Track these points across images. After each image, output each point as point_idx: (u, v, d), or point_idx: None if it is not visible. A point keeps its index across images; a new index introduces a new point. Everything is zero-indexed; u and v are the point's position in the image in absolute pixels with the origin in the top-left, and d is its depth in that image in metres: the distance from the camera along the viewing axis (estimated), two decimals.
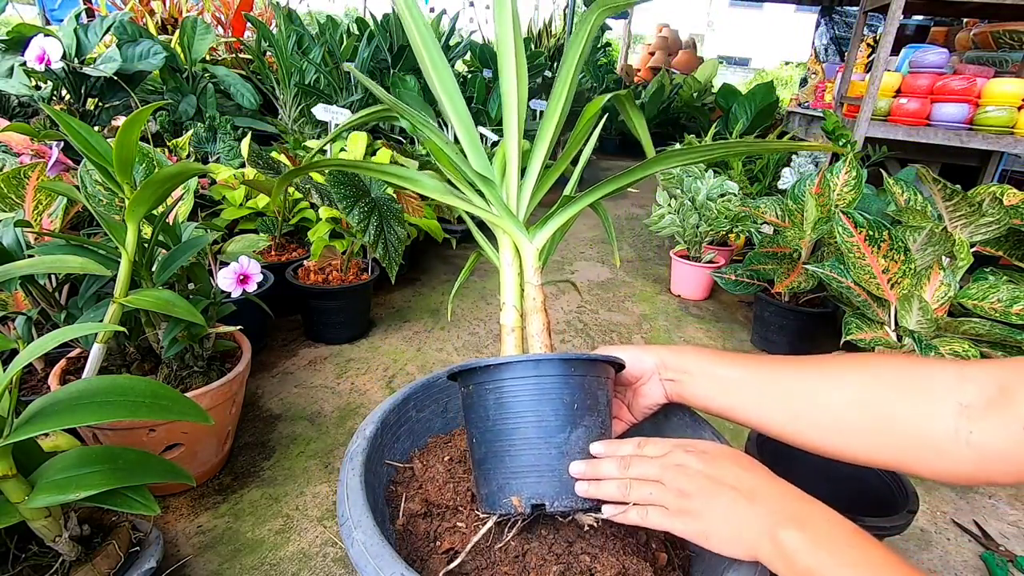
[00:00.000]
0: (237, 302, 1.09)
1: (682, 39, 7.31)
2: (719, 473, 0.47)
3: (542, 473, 0.57)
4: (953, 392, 0.43)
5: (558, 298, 2.10)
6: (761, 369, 0.56)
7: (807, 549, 0.40)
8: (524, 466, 0.57)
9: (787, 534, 0.41)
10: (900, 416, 0.45)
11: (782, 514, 0.42)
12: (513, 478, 0.57)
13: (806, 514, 0.42)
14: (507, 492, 0.58)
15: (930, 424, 0.44)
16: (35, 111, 1.76)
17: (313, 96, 2.58)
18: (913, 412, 0.45)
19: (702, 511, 0.46)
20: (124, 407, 0.60)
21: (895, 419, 0.46)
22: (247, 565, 0.93)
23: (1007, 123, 2.11)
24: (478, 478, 0.61)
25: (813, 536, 0.40)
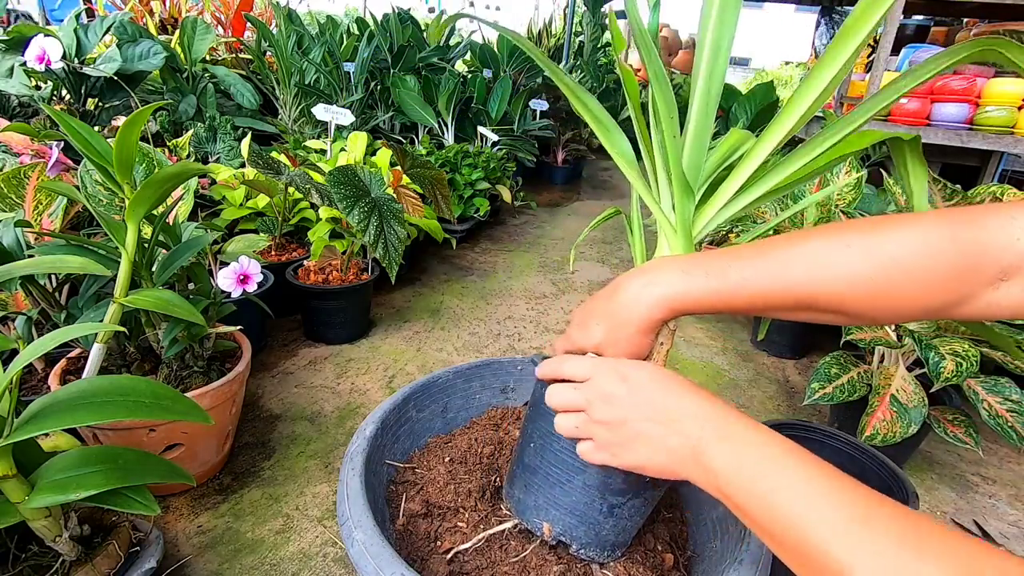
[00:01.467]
0: (237, 302, 1.09)
1: (682, 39, 7.30)
2: (641, 399, 0.46)
3: (584, 522, 0.56)
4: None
5: (558, 298, 2.10)
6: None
7: (730, 464, 0.40)
8: (572, 506, 0.56)
9: (710, 454, 0.41)
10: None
11: (703, 434, 0.43)
12: (555, 507, 0.56)
13: (724, 429, 0.42)
14: (542, 515, 0.57)
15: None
16: (35, 111, 1.76)
17: (313, 96, 2.59)
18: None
19: (631, 443, 0.46)
20: (124, 407, 0.60)
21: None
22: (247, 565, 0.92)
23: (1007, 123, 2.11)
24: (517, 478, 0.60)
25: (732, 450, 0.41)
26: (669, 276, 0.47)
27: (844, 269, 0.42)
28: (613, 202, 3.67)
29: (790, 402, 1.55)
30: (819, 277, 0.43)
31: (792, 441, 0.41)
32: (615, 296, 0.50)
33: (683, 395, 0.45)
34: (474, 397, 0.88)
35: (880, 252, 0.41)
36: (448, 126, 2.97)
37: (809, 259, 0.43)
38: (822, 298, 0.44)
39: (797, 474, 0.38)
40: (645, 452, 0.46)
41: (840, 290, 0.43)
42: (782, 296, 0.45)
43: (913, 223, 0.41)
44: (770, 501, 0.37)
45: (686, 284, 0.46)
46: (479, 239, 2.70)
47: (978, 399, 1.10)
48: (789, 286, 0.44)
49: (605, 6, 4.99)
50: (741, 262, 0.46)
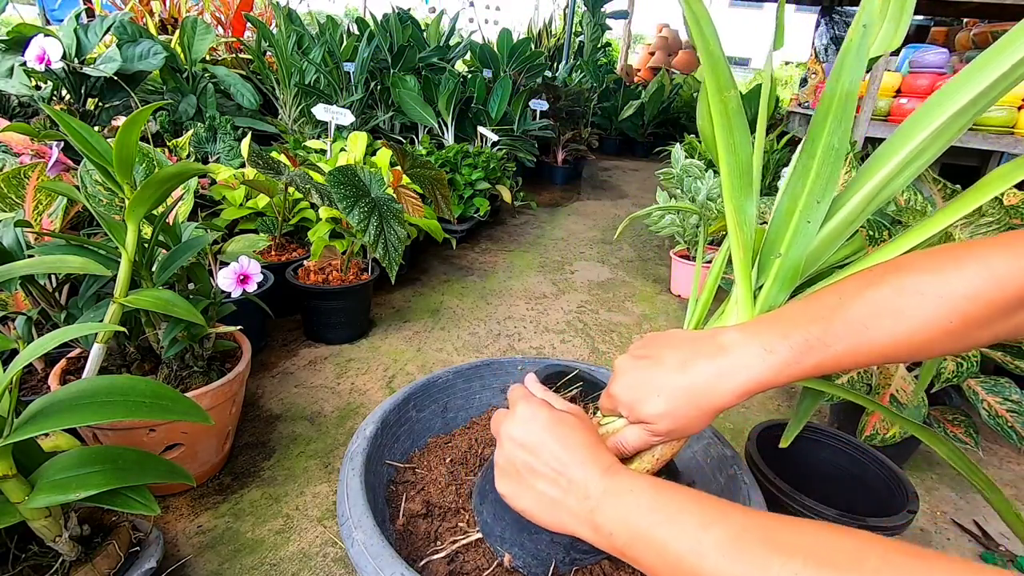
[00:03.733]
0: (237, 302, 1.09)
1: (682, 39, 7.31)
2: (539, 452, 0.46)
3: (545, 567, 0.56)
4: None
5: (558, 298, 2.10)
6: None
7: (621, 519, 0.41)
8: (537, 552, 0.56)
9: (602, 516, 0.42)
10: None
11: (593, 496, 0.43)
12: (520, 548, 0.57)
13: (613, 488, 0.43)
14: (506, 547, 0.58)
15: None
16: (35, 111, 1.76)
17: (313, 96, 2.59)
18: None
19: (524, 489, 0.47)
20: (124, 407, 0.60)
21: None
22: (247, 565, 0.93)
23: (1007, 123, 2.11)
24: (488, 500, 0.60)
25: (624, 506, 0.41)
26: (751, 360, 0.44)
27: (922, 319, 0.41)
28: (613, 202, 3.68)
29: (790, 402, 1.55)
30: (900, 332, 0.42)
31: (664, 481, 0.42)
32: (687, 373, 0.46)
33: (575, 451, 0.45)
34: (474, 397, 0.89)
35: (952, 294, 0.40)
36: (448, 126, 2.97)
37: (887, 316, 0.42)
38: (903, 351, 0.43)
39: (670, 514, 0.39)
40: (535, 504, 0.46)
41: (920, 339, 0.42)
42: (865, 358, 0.43)
43: (975, 255, 0.41)
44: (654, 547, 0.38)
45: (769, 367, 0.44)
46: (479, 239, 2.70)
47: (978, 399, 1.10)
48: (872, 348, 0.43)
49: (605, 6, 4.99)
50: (822, 330, 0.43)
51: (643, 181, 4.43)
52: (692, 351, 0.47)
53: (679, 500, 0.39)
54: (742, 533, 0.35)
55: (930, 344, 0.42)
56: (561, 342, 1.77)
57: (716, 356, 0.45)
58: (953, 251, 0.42)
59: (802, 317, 0.45)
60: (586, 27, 5.01)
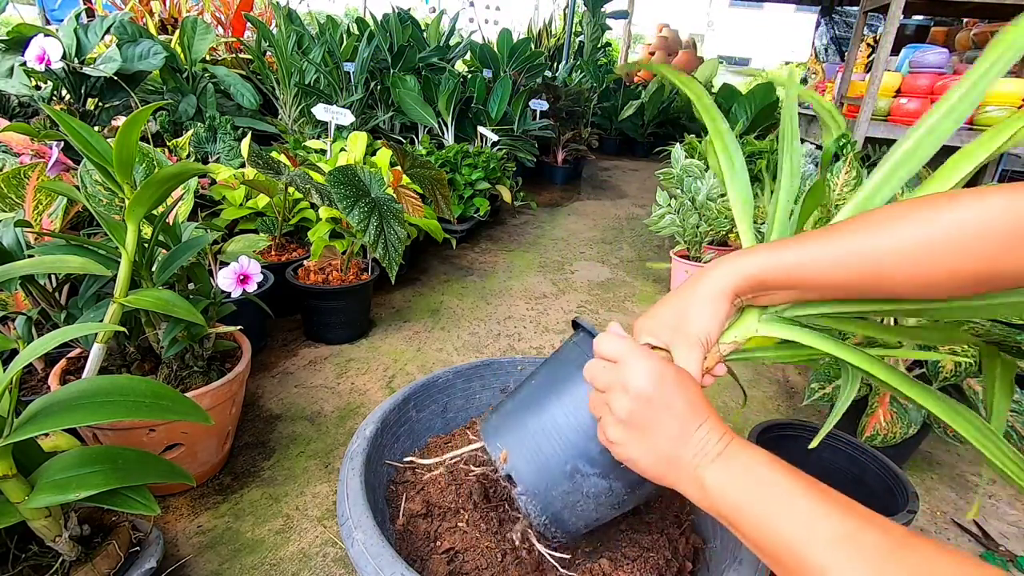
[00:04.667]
0: (237, 302, 1.09)
1: (682, 39, 7.31)
2: (659, 405, 0.47)
3: (541, 471, 0.54)
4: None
5: (558, 298, 2.10)
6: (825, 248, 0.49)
7: (730, 485, 0.42)
8: (537, 449, 0.54)
9: (712, 476, 0.44)
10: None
11: (706, 454, 0.45)
12: (519, 444, 0.54)
13: (727, 453, 0.44)
14: (504, 442, 0.55)
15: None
16: (35, 111, 1.76)
17: (313, 96, 2.59)
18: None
19: (634, 442, 0.48)
20: (124, 407, 0.60)
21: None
22: (247, 565, 0.93)
23: None
24: (502, 406, 0.59)
25: (735, 473, 0.43)
26: (738, 255, 0.51)
27: (908, 236, 0.44)
28: (613, 202, 3.67)
29: (790, 402, 1.54)
30: (883, 245, 0.44)
31: (779, 459, 0.43)
32: (685, 285, 0.53)
33: (697, 412, 0.47)
34: (474, 397, 0.89)
35: (941, 219, 0.43)
36: (448, 126, 2.97)
37: (873, 229, 0.45)
38: (886, 270, 0.45)
39: (784, 494, 0.40)
40: (646, 455, 0.47)
41: (903, 259, 0.44)
42: (847, 268, 0.46)
43: (970, 194, 0.43)
44: (761, 521, 0.40)
45: (753, 258, 0.49)
46: (479, 239, 2.70)
47: (978, 399, 1.10)
48: (856, 256, 0.46)
49: (605, 6, 4.99)
50: (808, 240, 0.48)
51: (643, 181, 4.43)
52: (694, 276, 0.53)
53: (793, 480, 0.41)
54: (858, 531, 0.36)
55: (917, 267, 0.44)
56: (561, 342, 1.77)
57: (715, 263, 0.52)
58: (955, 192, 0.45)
59: (792, 240, 0.50)
60: (586, 27, 5.01)
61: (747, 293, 0.51)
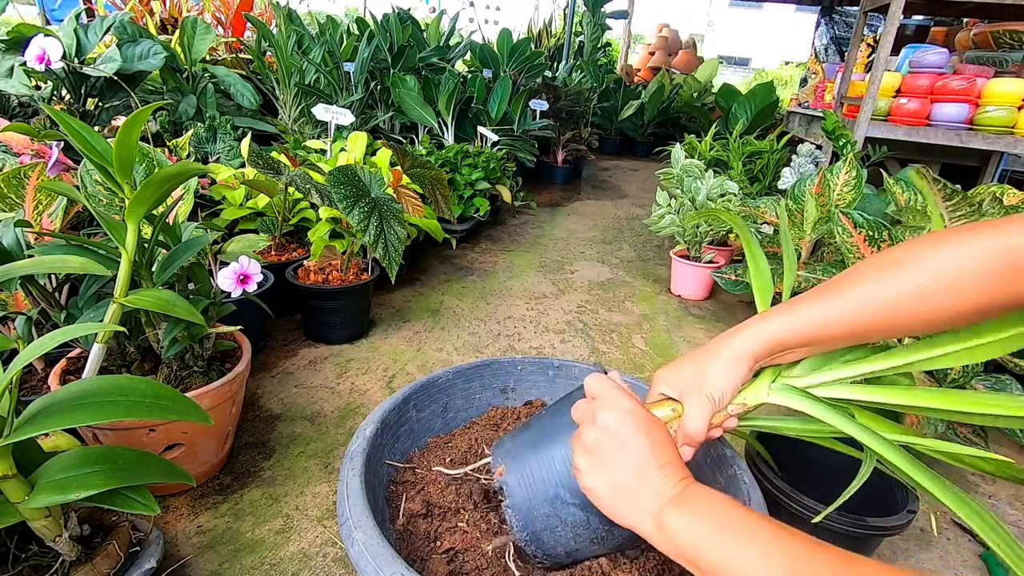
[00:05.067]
0: (237, 302, 1.09)
1: (682, 39, 7.31)
2: (628, 446, 0.50)
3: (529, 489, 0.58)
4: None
5: (558, 298, 2.10)
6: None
7: (687, 526, 0.44)
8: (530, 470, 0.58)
9: (669, 518, 0.45)
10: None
11: (664, 496, 0.47)
12: (516, 464, 0.59)
13: (685, 495, 0.46)
14: (505, 461, 0.60)
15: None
16: (35, 111, 1.76)
17: (313, 96, 2.59)
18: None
19: (598, 477, 0.51)
20: (124, 407, 0.60)
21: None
22: (247, 565, 0.93)
23: (1007, 123, 2.11)
24: (516, 432, 0.63)
25: (692, 513, 0.45)
26: (756, 321, 0.54)
27: (904, 285, 0.48)
28: (613, 202, 3.67)
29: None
30: (883, 295, 0.49)
31: (737, 501, 0.46)
32: (708, 346, 0.56)
33: (659, 454, 0.49)
34: (474, 397, 0.89)
35: (930, 265, 0.47)
36: (448, 126, 2.97)
37: (870, 282, 0.50)
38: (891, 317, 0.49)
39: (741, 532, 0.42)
40: (606, 488, 0.50)
41: (912, 303, 0.48)
42: (855, 321, 0.50)
43: (951, 239, 0.47)
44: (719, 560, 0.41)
45: (769, 324, 0.53)
46: (479, 239, 2.70)
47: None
48: (860, 310, 0.50)
49: (605, 6, 4.99)
50: (814, 300, 0.52)
51: (643, 181, 4.43)
52: (717, 339, 0.56)
53: (747, 517, 0.43)
54: (809, 560, 0.38)
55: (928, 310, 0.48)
56: (561, 342, 1.77)
57: (737, 328, 0.55)
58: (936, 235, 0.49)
59: (797, 301, 0.54)
60: (586, 27, 5.01)
61: (767, 356, 0.54)
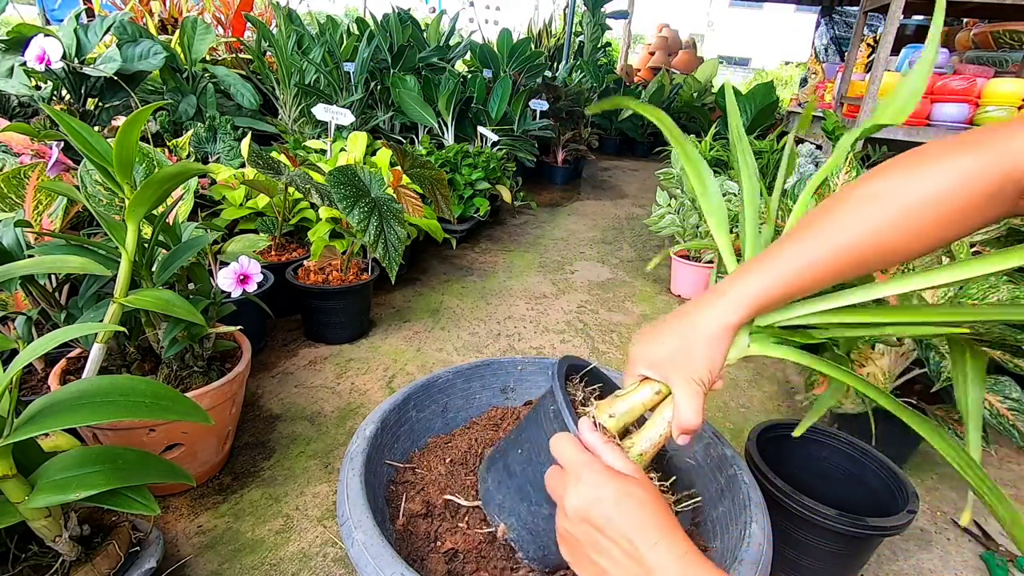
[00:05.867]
0: (237, 302, 1.09)
1: (682, 39, 7.31)
2: (606, 541, 0.44)
3: (537, 541, 0.58)
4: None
5: (558, 298, 2.10)
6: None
7: None
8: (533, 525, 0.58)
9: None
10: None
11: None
12: (517, 518, 0.59)
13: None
14: (503, 516, 0.60)
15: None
16: (35, 111, 1.76)
17: (313, 96, 2.58)
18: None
19: (585, 568, 0.46)
20: (124, 407, 0.60)
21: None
22: (247, 565, 0.93)
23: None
24: (495, 469, 0.62)
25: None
26: (734, 283, 0.50)
27: (891, 217, 0.45)
28: (613, 202, 3.67)
29: (790, 402, 1.54)
30: (869, 233, 0.46)
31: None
32: (685, 315, 0.52)
33: (655, 539, 0.43)
34: (474, 397, 0.89)
35: (921, 194, 0.44)
36: (448, 126, 2.97)
37: (856, 219, 0.46)
38: (872, 251, 0.46)
39: None
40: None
41: (891, 238, 0.46)
42: (842, 263, 0.47)
43: (943, 157, 0.44)
44: None
45: (749, 285, 0.49)
46: (479, 239, 2.70)
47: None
48: (844, 249, 0.46)
49: (605, 6, 4.99)
50: (793, 247, 0.48)
51: (643, 181, 4.43)
52: (694, 305, 0.52)
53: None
54: None
55: (908, 243, 0.46)
56: (561, 342, 1.77)
57: (715, 293, 0.51)
58: (910, 158, 0.46)
59: (775, 249, 0.50)
60: (586, 27, 5.01)
61: (748, 320, 0.51)
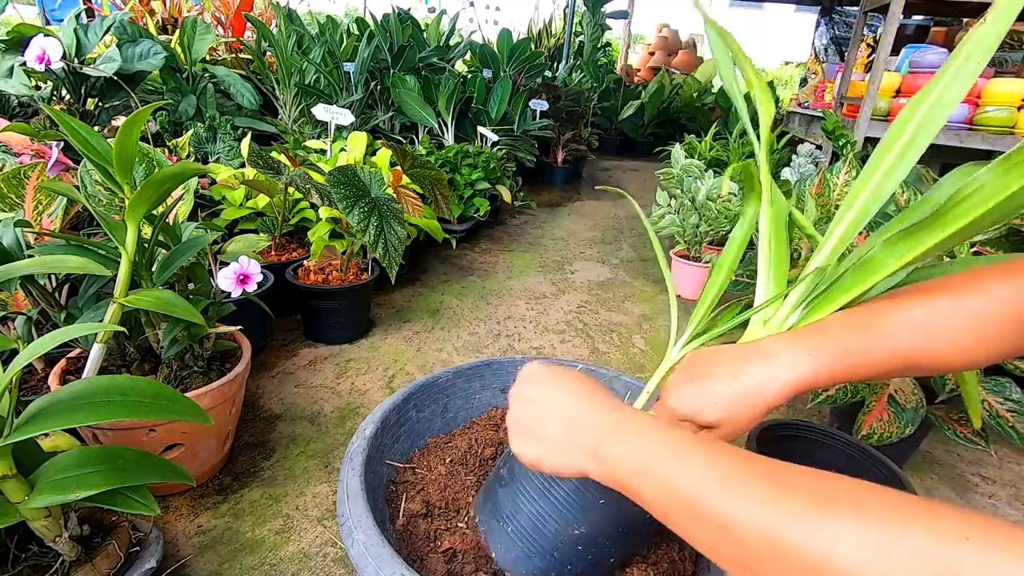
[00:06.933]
0: (237, 302, 1.09)
1: (682, 39, 7.30)
2: (545, 402, 0.50)
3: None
4: None
5: (558, 298, 2.10)
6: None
7: (627, 453, 0.43)
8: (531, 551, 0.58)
9: (608, 448, 0.44)
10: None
11: (600, 431, 0.45)
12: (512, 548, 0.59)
13: (619, 424, 0.45)
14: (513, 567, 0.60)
15: None
16: (35, 111, 1.76)
17: (313, 96, 2.59)
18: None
19: (534, 439, 0.49)
20: (124, 407, 0.60)
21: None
22: (247, 565, 0.93)
23: (1007, 123, 2.11)
24: (493, 493, 0.62)
25: (630, 440, 0.43)
26: (797, 362, 0.49)
27: (945, 332, 0.47)
28: (613, 202, 3.67)
29: (790, 402, 1.55)
30: (920, 344, 0.48)
31: (674, 425, 0.44)
32: (738, 379, 0.51)
33: (589, 397, 0.48)
34: (474, 397, 0.89)
35: (965, 314, 0.47)
36: (448, 126, 2.97)
37: (911, 328, 0.48)
38: (924, 359, 0.48)
39: (680, 449, 0.40)
40: (549, 454, 0.48)
41: (940, 350, 0.48)
42: (891, 364, 0.49)
43: (984, 283, 0.47)
44: (661, 479, 0.39)
45: (813, 370, 0.49)
46: (479, 239, 2.70)
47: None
48: (897, 355, 0.48)
49: (605, 6, 4.99)
50: (859, 340, 0.49)
51: (643, 181, 4.43)
52: (741, 361, 0.52)
53: (687, 439, 0.41)
54: (745, 471, 0.36)
55: (951, 356, 0.48)
56: (561, 342, 1.77)
57: (764, 361, 0.51)
58: (963, 279, 0.49)
59: (839, 328, 0.50)
60: (586, 27, 5.01)
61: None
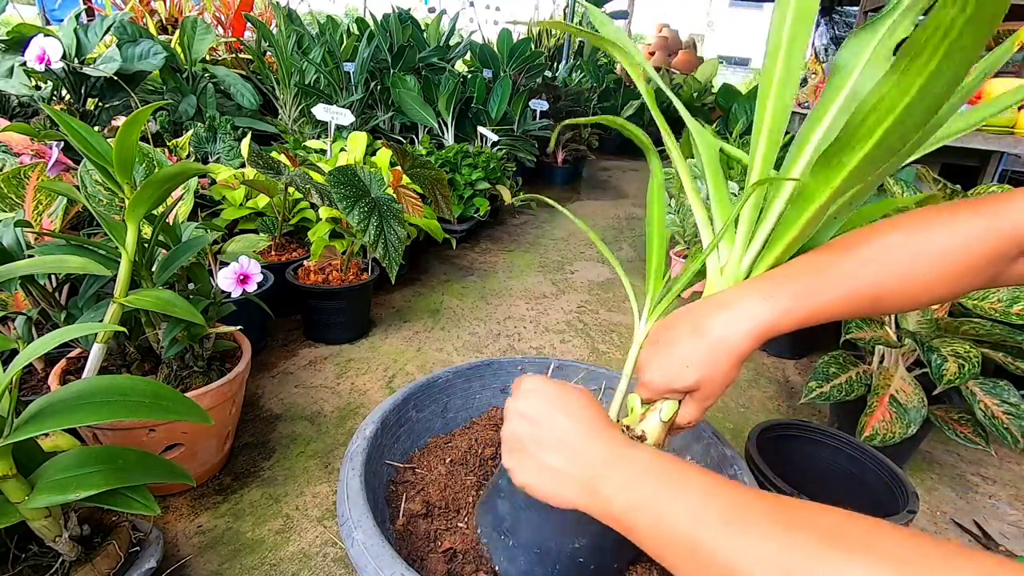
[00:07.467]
0: (237, 302, 1.09)
1: (682, 39, 7.30)
2: (542, 422, 0.48)
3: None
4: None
5: (558, 298, 2.10)
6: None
7: (620, 489, 0.41)
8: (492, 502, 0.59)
9: (601, 483, 0.42)
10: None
11: (595, 465, 0.44)
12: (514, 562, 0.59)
13: (614, 457, 0.43)
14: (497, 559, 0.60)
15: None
16: (35, 111, 1.76)
17: (313, 96, 2.59)
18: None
19: (526, 460, 0.48)
20: (124, 407, 0.60)
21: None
22: (247, 565, 0.93)
23: (1007, 123, 2.11)
24: (493, 506, 0.62)
25: (622, 475, 0.42)
26: (754, 307, 0.49)
27: (904, 268, 0.47)
28: (613, 202, 3.67)
29: (790, 402, 1.55)
30: (884, 280, 0.47)
31: (666, 454, 0.43)
32: (701, 335, 0.50)
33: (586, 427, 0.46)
34: (474, 397, 0.88)
35: (931, 248, 0.46)
36: (448, 126, 2.97)
37: (874, 265, 0.48)
38: (886, 296, 0.48)
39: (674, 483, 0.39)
40: (543, 481, 0.47)
41: (902, 286, 0.47)
42: (855, 303, 0.48)
43: (952, 218, 0.46)
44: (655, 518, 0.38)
45: (773, 312, 0.48)
46: (479, 239, 2.70)
47: (974, 399, 1.10)
48: (860, 292, 0.48)
49: (605, 6, 4.99)
50: (815, 280, 0.48)
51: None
52: (697, 316, 0.51)
53: (683, 472, 0.40)
54: (747, 506, 0.35)
55: (912, 291, 0.48)
56: (561, 342, 1.77)
57: (721, 312, 0.50)
58: (936, 212, 0.48)
59: (794, 270, 0.50)
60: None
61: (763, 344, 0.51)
